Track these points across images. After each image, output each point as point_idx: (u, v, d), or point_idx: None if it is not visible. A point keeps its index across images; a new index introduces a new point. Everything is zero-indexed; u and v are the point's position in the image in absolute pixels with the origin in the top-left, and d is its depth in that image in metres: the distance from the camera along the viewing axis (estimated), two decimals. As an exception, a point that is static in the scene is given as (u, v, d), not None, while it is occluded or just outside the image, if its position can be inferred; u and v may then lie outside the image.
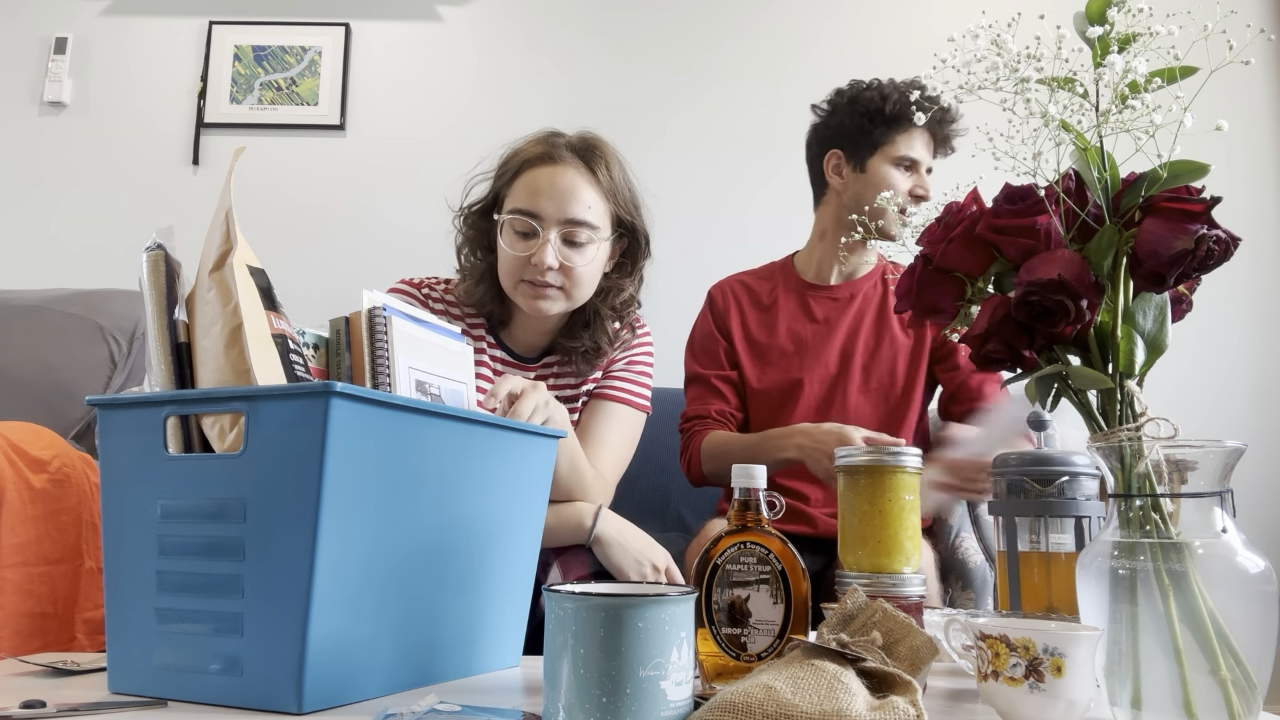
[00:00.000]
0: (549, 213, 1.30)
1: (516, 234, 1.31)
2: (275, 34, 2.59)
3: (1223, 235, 0.73)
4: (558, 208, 1.30)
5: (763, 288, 1.76)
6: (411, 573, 0.84)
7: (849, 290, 1.71)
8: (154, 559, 0.80)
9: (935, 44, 0.82)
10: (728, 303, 1.75)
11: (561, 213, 1.30)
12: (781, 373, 1.68)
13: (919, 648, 0.71)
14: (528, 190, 1.31)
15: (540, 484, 1.04)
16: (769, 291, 1.75)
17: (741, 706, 0.60)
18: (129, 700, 0.78)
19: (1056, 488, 0.92)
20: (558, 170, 1.31)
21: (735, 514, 0.83)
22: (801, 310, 1.72)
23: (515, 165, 1.34)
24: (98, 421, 0.85)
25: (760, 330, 1.72)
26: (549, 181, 1.31)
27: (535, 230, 1.30)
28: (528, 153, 1.34)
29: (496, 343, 1.43)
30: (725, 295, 1.77)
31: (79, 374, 1.86)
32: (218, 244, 0.86)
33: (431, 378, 1.02)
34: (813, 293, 1.73)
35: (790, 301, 1.73)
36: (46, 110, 2.56)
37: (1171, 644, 0.67)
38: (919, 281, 0.85)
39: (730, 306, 1.75)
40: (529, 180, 1.32)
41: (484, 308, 1.41)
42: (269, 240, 2.28)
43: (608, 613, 0.62)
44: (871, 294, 1.71)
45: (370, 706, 0.76)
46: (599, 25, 2.60)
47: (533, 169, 1.32)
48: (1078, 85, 0.78)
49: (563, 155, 1.33)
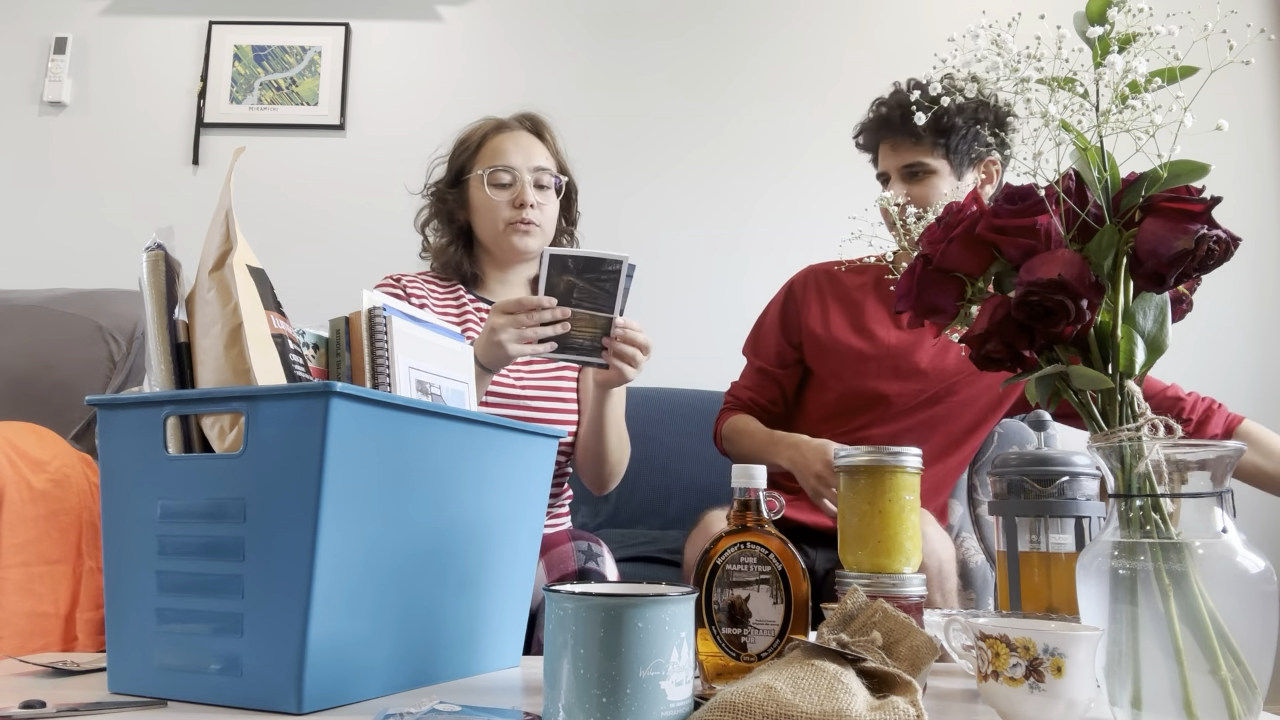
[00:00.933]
0: (519, 163, 1.54)
1: (496, 186, 1.54)
2: (275, 34, 2.59)
3: (1223, 235, 0.73)
4: (525, 159, 1.55)
5: (853, 282, 1.62)
6: (411, 573, 0.84)
7: None
8: (154, 559, 0.80)
9: (935, 44, 0.82)
10: (807, 294, 1.64)
11: (529, 162, 1.55)
12: (858, 377, 1.56)
13: (919, 648, 0.71)
14: (497, 151, 1.56)
15: (540, 484, 1.04)
16: (859, 287, 1.61)
17: (741, 706, 0.60)
18: (129, 700, 0.78)
19: (1056, 488, 0.92)
20: (517, 134, 1.58)
21: (735, 514, 0.83)
22: (890, 314, 1.57)
23: (478, 138, 1.58)
24: (98, 421, 0.85)
25: (844, 333, 1.59)
26: (513, 142, 1.56)
27: (512, 179, 1.54)
28: (486, 127, 1.60)
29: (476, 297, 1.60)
30: (806, 286, 1.65)
31: (79, 374, 1.86)
32: (218, 244, 0.86)
33: (432, 378, 1.02)
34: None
35: (879, 303, 1.59)
36: (46, 110, 2.56)
37: (1171, 644, 0.67)
38: (919, 281, 0.85)
39: (810, 298, 1.63)
40: (495, 145, 1.57)
41: (459, 269, 1.59)
42: (269, 240, 2.29)
43: (608, 613, 0.62)
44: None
45: (370, 706, 0.76)
46: (598, 25, 2.60)
47: (496, 136, 1.58)
48: (1078, 85, 0.78)
49: (515, 125, 1.60)
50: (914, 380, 1.54)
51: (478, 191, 1.55)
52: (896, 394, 1.55)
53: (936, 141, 1.48)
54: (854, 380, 1.57)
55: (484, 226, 1.56)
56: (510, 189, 1.53)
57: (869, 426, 1.57)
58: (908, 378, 1.54)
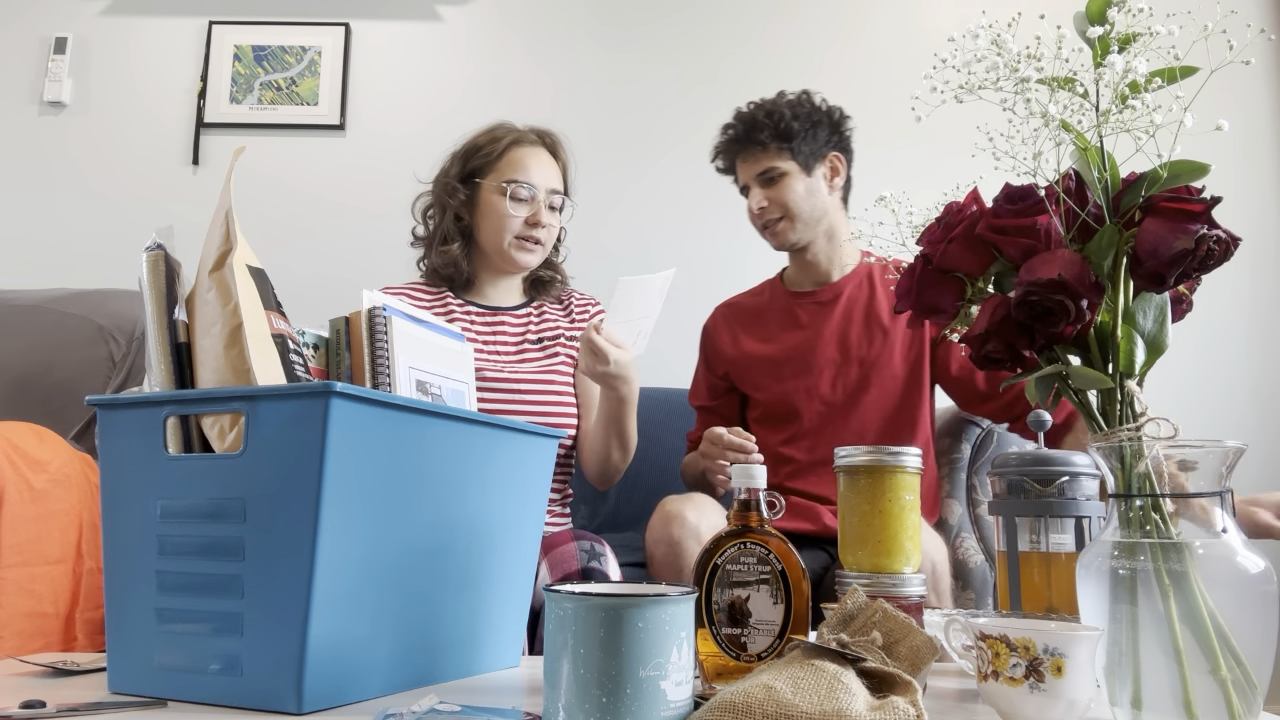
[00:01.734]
0: (539, 182, 1.58)
1: (516, 200, 1.57)
2: (275, 34, 2.59)
3: (1223, 235, 0.73)
4: (544, 179, 1.59)
5: (752, 304, 1.80)
6: (411, 572, 0.84)
7: (831, 293, 1.70)
8: (154, 559, 0.80)
9: (935, 44, 0.82)
10: (717, 328, 1.80)
11: (547, 183, 1.59)
12: (780, 384, 1.68)
13: (919, 648, 0.71)
14: (519, 164, 1.58)
15: (541, 484, 1.04)
16: (758, 307, 1.78)
17: (741, 706, 0.60)
18: (129, 700, 0.78)
19: (1056, 488, 0.92)
20: (538, 151, 1.62)
21: (735, 514, 0.83)
22: (788, 321, 1.73)
23: (500, 148, 1.60)
24: (98, 421, 0.85)
25: (755, 347, 1.73)
26: (535, 159, 1.60)
27: (531, 196, 1.57)
28: (508, 136, 1.62)
29: (465, 302, 1.64)
30: (715, 322, 1.82)
31: (79, 374, 1.86)
32: (218, 244, 0.86)
33: (432, 378, 1.02)
34: (797, 301, 1.73)
35: (778, 315, 1.74)
36: (46, 110, 2.56)
37: (1171, 644, 0.67)
38: (919, 281, 0.85)
39: (721, 333, 1.79)
40: (518, 156, 1.59)
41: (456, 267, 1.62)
42: (269, 240, 2.29)
43: (608, 613, 0.62)
44: (857, 294, 1.70)
45: (370, 706, 0.76)
46: (598, 25, 2.60)
47: (519, 147, 1.60)
48: (1078, 85, 0.78)
49: (536, 139, 1.64)
50: (828, 369, 1.66)
51: (493, 199, 1.57)
52: (815, 386, 1.66)
53: (782, 146, 1.63)
54: (774, 386, 1.69)
55: (490, 234, 1.59)
56: (528, 205, 1.57)
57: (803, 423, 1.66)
58: (821, 369, 1.66)
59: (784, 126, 1.62)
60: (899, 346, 1.64)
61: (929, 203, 0.93)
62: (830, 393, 1.65)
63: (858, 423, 1.63)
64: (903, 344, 1.64)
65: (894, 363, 1.63)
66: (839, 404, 1.64)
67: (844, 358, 1.65)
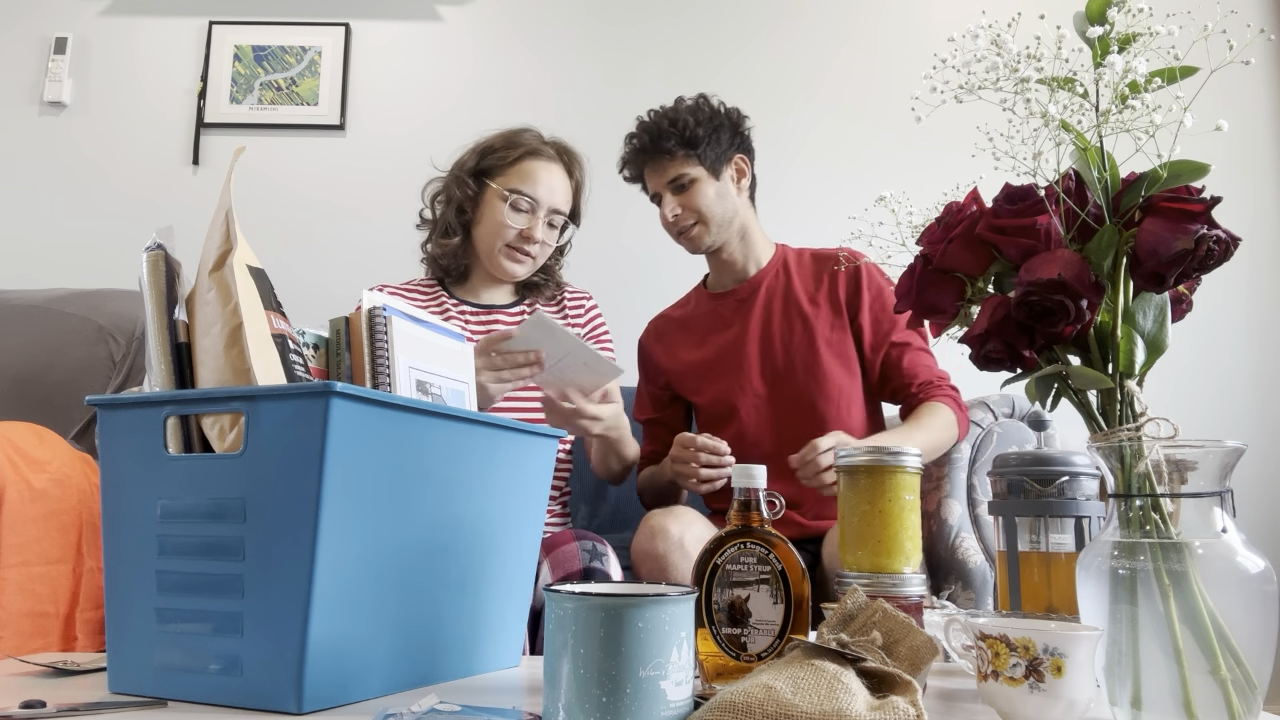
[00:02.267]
0: (543, 199, 1.60)
1: (515, 210, 1.58)
2: (275, 34, 2.59)
3: (1223, 235, 0.73)
4: (550, 196, 1.61)
5: (679, 314, 1.82)
6: (411, 572, 0.84)
7: (749, 288, 1.73)
8: (154, 559, 0.80)
9: (935, 44, 0.82)
10: (650, 342, 1.83)
11: (551, 202, 1.61)
12: (715, 386, 1.70)
13: (919, 648, 0.71)
14: (529, 176, 1.60)
15: (540, 484, 1.04)
16: (685, 317, 1.80)
17: (741, 706, 0.60)
18: (129, 700, 0.78)
19: (1056, 488, 0.92)
20: (552, 167, 1.63)
21: (735, 514, 0.83)
22: (714, 322, 1.75)
23: (519, 152, 1.61)
24: (98, 421, 0.85)
25: (688, 353, 1.76)
26: (546, 174, 1.61)
27: (530, 209, 1.59)
28: (527, 145, 1.63)
29: (460, 300, 1.66)
30: (649, 336, 1.84)
31: (79, 374, 1.86)
32: (218, 244, 0.86)
33: (432, 377, 1.02)
34: (720, 302, 1.75)
35: (704, 319, 1.77)
36: (46, 110, 2.56)
37: (1171, 644, 0.67)
38: (919, 281, 0.85)
39: (655, 346, 1.81)
40: (529, 168, 1.60)
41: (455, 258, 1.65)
42: (269, 240, 2.30)
43: (608, 613, 0.62)
44: (774, 284, 1.72)
45: (370, 706, 0.76)
46: (598, 25, 2.60)
47: (534, 159, 1.62)
48: (1078, 85, 0.78)
49: (554, 155, 1.65)
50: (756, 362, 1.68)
51: (495, 203, 1.59)
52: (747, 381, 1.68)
53: (689, 153, 1.64)
54: (710, 388, 1.72)
55: (485, 237, 1.62)
56: (525, 216, 1.59)
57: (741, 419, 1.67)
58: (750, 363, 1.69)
59: (689, 134, 1.63)
60: (821, 327, 1.66)
61: (929, 203, 0.93)
62: (761, 385, 1.67)
63: (793, 408, 1.64)
64: (825, 324, 1.67)
65: (817, 344, 1.65)
66: (770, 394, 1.66)
67: (768, 348, 1.68)
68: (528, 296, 1.72)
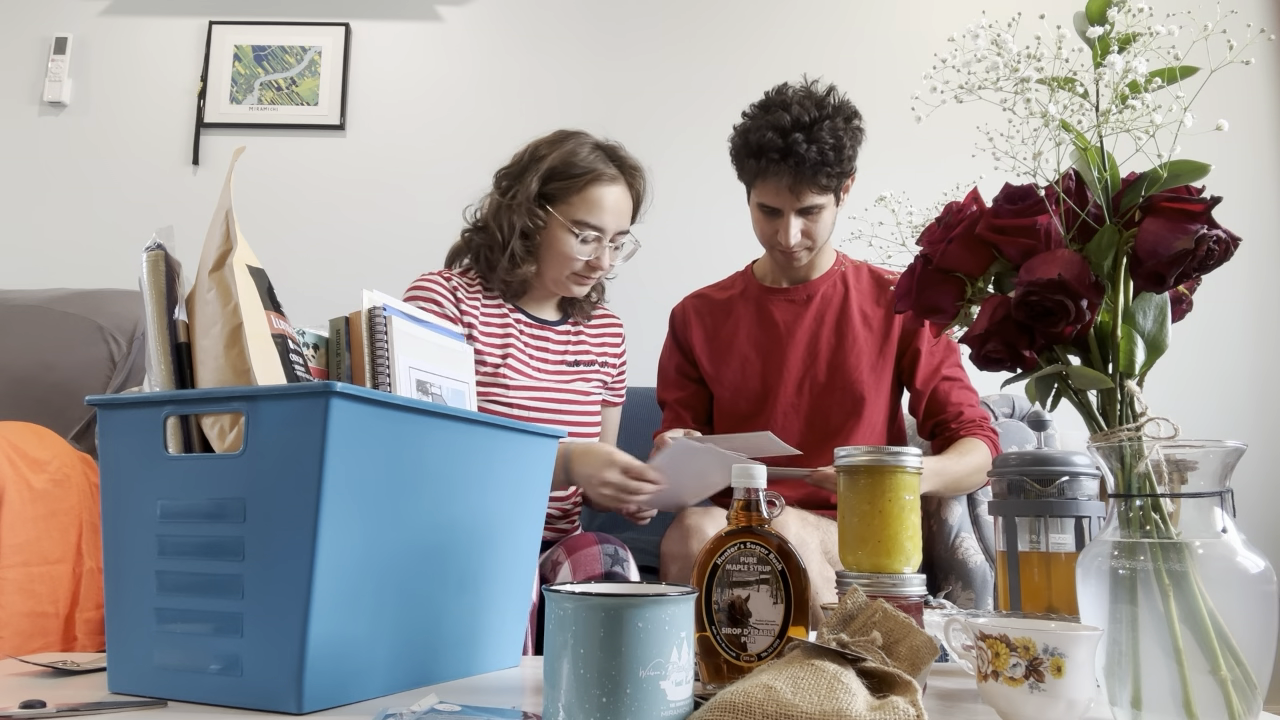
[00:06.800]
0: (609, 226, 1.55)
1: (583, 243, 1.55)
2: (275, 34, 2.59)
3: (1223, 235, 0.73)
4: (615, 222, 1.56)
5: (722, 297, 1.76)
6: (411, 573, 0.84)
7: (805, 292, 1.69)
8: (154, 559, 0.80)
9: (935, 44, 0.82)
10: (687, 319, 1.77)
11: (618, 224, 1.57)
12: (747, 380, 1.67)
13: (919, 648, 0.71)
14: (594, 206, 1.54)
15: (540, 484, 1.04)
16: (728, 301, 1.75)
17: (741, 706, 0.60)
18: (129, 700, 0.78)
19: (1056, 488, 0.92)
20: (618, 191, 1.57)
21: (735, 514, 0.83)
22: (760, 317, 1.71)
23: (583, 180, 1.54)
24: (98, 421, 0.85)
25: (722, 340, 1.71)
26: (612, 201, 1.55)
27: (597, 239, 1.55)
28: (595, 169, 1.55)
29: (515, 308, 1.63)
30: (685, 312, 1.78)
31: (79, 374, 1.86)
32: (218, 244, 0.86)
33: (433, 377, 1.02)
34: (770, 298, 1.71)
35: (749, 309, 1.72)
36: (46, 110, 2.56)
37: (1171, 644, 0.67)
38: (919, 281, 0.85)
39: (690, 322, 1.76)
40: (594, 196, 1.54)
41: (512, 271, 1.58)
42: (269, 240, 2.29)
43: (608, 613, 0.62)
44: (831, 294, 1.69)
45: (370, 706, 0.76)
46: (599, 24, 2.60)
47: (600, 186, 1.55)
48: (1078, 85, 0.78)
49: (616, 174, 1.57)
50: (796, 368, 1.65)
51: (561, 234, 1.53)
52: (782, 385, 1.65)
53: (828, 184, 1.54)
54: (740, 382, 1.68)
55: (551, 264, 1.57)
56: (592, 247, 1.55)
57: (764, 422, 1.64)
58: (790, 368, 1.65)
59: (846, 168, 1.54)
60: (869, 352, 1.63)
61: (929, 203, 0.93)
62: (795, 393, 1.64)
63: (822, 425, 1.62)
64: (873, 349, 1.64)
65: (862, 368, 1.62)
66: (803, 406, 1.64)
67: (812, 360, 1.65)
68: (570, 313, 1.70)
